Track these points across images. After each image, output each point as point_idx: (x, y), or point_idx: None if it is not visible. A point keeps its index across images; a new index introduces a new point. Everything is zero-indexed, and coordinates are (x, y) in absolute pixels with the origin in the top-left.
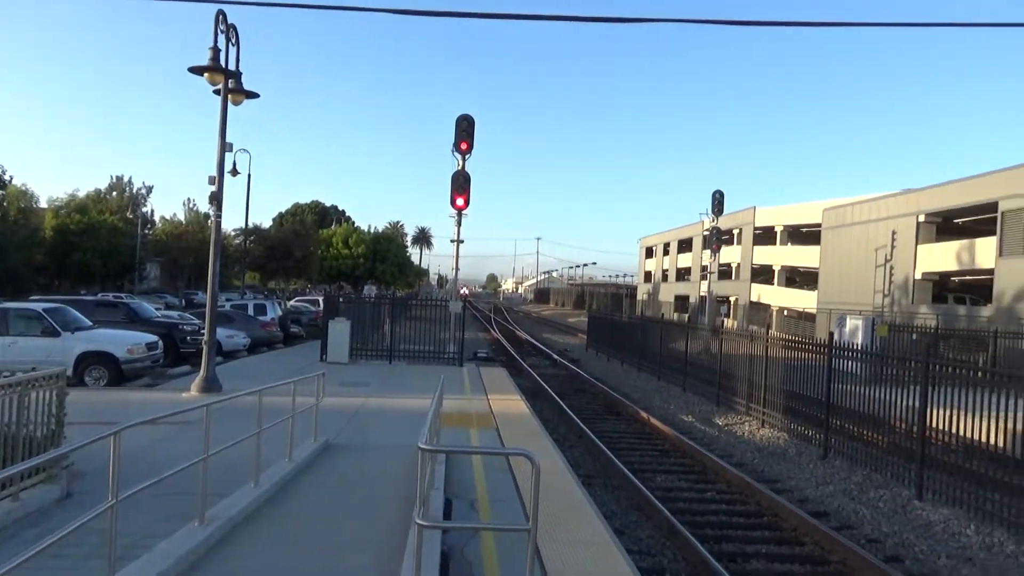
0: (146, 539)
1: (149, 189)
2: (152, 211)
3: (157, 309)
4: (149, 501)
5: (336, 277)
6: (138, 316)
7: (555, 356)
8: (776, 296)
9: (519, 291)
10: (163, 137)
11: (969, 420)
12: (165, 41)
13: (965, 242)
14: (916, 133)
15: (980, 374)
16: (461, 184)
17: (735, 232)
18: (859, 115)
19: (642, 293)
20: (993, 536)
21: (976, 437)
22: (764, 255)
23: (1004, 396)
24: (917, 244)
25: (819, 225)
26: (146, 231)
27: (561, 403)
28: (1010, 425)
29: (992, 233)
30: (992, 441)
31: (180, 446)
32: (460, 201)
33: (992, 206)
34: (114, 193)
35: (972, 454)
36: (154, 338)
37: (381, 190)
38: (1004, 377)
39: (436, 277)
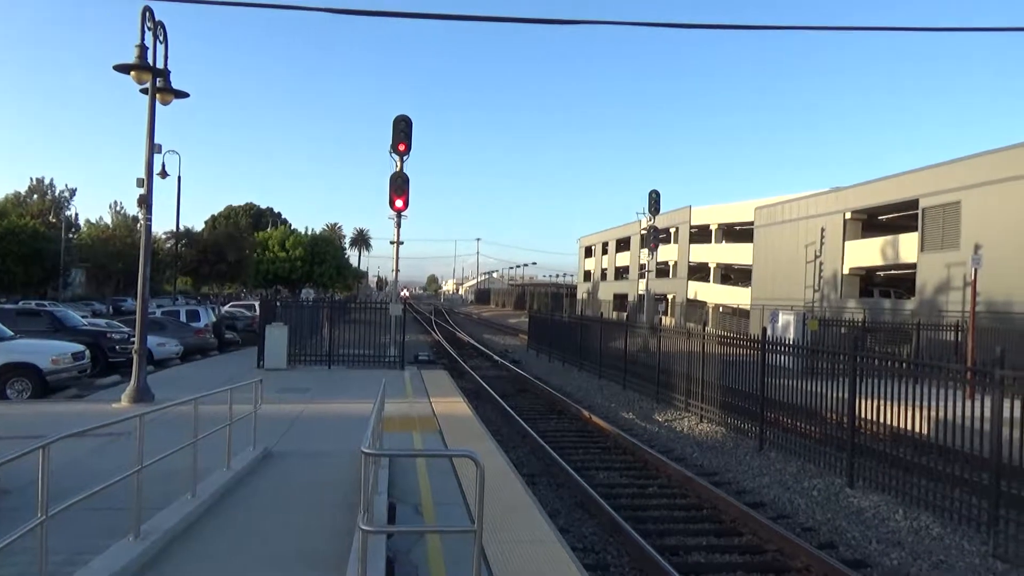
0: (79, 556)
1: (72, 192)
2: (76, 215)
3: (84, 317)
4: (82, 516)
5: (273, 281)
6: (63, 325)
7: (496, 357)
8: (712, 293)
9: (460, 292)
10: (87, 138)
11: (895, 409)
12: (89, 37)
13: (889, 238)
14: (843, 133)
15: (904, 365)
16: (399, 185)
17: (672, 231)
18: (790, 116)
19: (582, 292)
20: (920, 520)
21: (902, 426)
22: (700, 253)
23: (927, 385)
24: (844, 240)
25: (752, 223)
26: (70, 235)
27: (504, 404)
28: (933, 413)
29: (914, 229)
30: (917, 429)
31: (112, 459)
32: (399, 203)
33: (913, 203)
34: (35, 196)
35: (899, 442)
36: (80, 347)
37: (318, 192)
38: (927, 367)
39: (376, 279)
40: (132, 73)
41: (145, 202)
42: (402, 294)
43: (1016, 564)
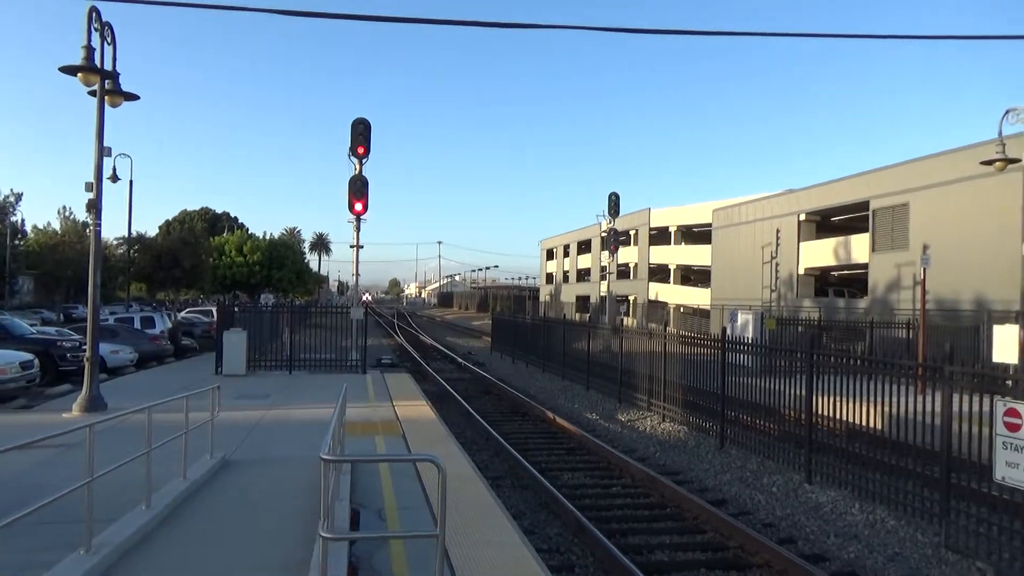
0: (27, 572)
1: (19, 196)
2: (23, 220)
3: (32, 325)
4: (31, 530)
5: (231, 286)
6: (10, 333)
7: (460, 360)
8: (673, 294)
9: (422, 295)
10: (34, 141)
11: (851, 406)
12: (33, 37)
13: (841, 239)
14: (797, 135)
15: (858, 362)
16: (359, 189)
17: (632, 233)
18: (746, 119)
19: (544, 294)
20: (876, 514)
21: (857, 421)
22: (660, 254)
23: (880, 382)
24: (799, 241)
25: (710, 225)
26: (16, 242)
27: (468, 406)
28: (886, 409)
29: (865, 230)
30: (871, 424)
31: (63, 470)
32: (358, 206)
33: (864, 205)
34: None
35: (855, 437)
36: (29, 356)
37: (276, 196)
38: (880, 364)
39: (337, 283)
40: (79, 75)
41: (95, 207)
42: (364, 298)
43: (967, 554)
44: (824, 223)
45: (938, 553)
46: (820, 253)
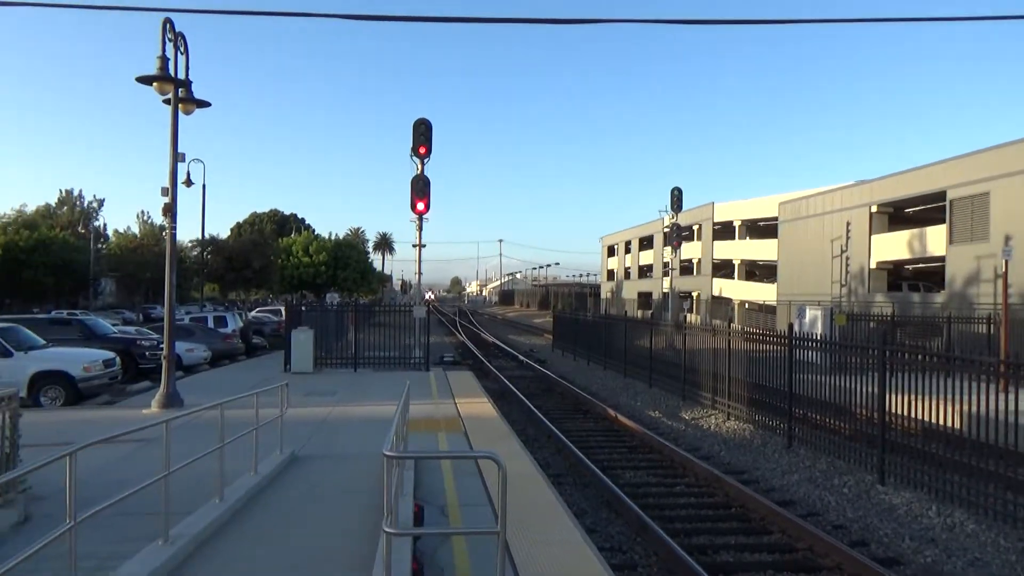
0: (109, 561)
1: (100, 202)
2: (105, 225)
3: (114, 325)
4: (111, 522)
5: (298, 286)
6: (94, 333)
7: (521, 357)
8: (737, 290)
9: (483, 293)
10: (113, 149)
11: (927, 404)
12: (112, 50)
13: (916, 231)
14: (867, 125)
15: (935, 359)
16: (421, 188)
17: (695, 228)
18: (812, 109)
19: (606, 291)
20: (954, 516)
21: (934, 421)
22: (724, 250)
23: (959, 379)
24: (871, 234)
25: (776, 219)
26: (99, 246)
27: (529, 404)
28: (966, 408)
29: (941, 221)
30: (949, 424)
31: (142, 464)
32: (420, 206)
33: (940, 195)
34: (64, 208)
35: (931, 437)
36: (111, 355)
37: (340, 196)
38: (958, 361)
39: (400, 282)
40: (154, 85)
41: (170, 211)
42: (427, 296)
43: None
44: (897, 215)
45: (1022, 559)
46: (893, 246)
